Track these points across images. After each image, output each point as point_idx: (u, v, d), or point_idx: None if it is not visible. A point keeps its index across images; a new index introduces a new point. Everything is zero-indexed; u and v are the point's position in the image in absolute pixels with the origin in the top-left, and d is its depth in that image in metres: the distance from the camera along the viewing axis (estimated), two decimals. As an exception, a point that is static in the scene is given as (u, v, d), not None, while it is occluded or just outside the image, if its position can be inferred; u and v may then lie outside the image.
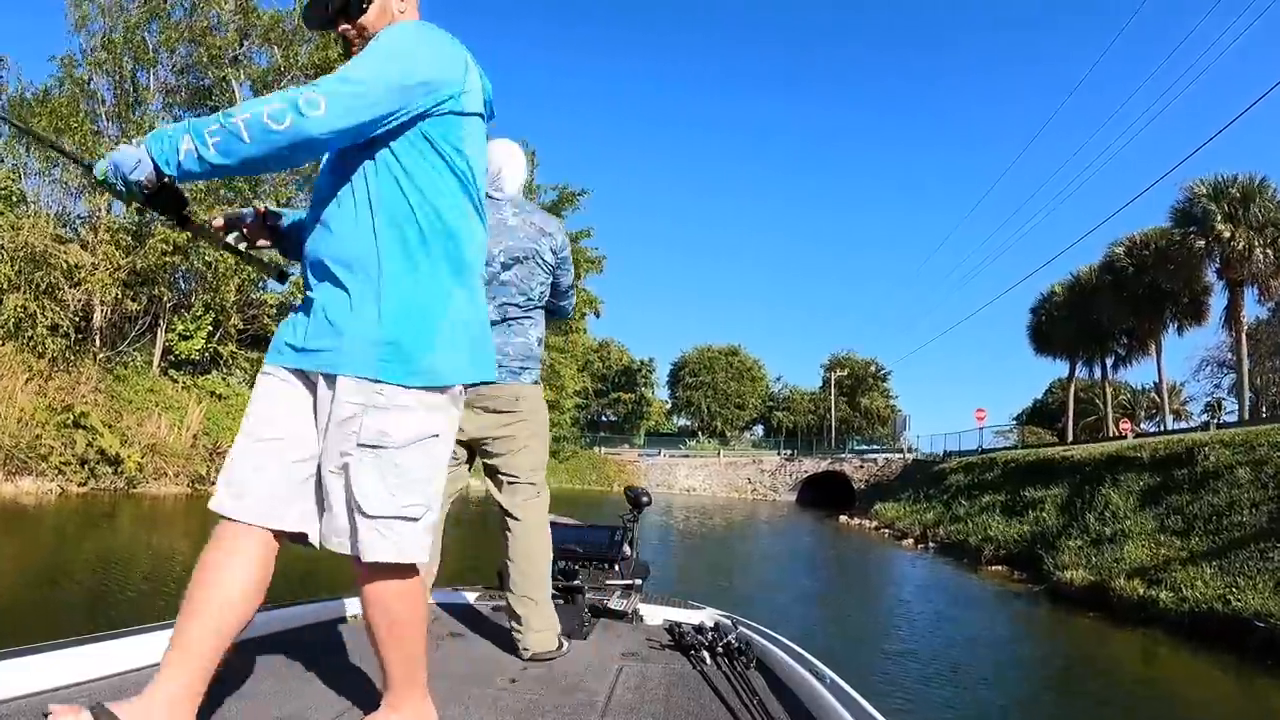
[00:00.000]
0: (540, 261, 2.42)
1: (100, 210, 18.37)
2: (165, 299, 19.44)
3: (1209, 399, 42.25)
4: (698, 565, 14.24)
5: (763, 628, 2.48)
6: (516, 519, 2.35)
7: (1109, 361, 34.58)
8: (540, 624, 2.23)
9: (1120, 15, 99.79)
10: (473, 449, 2.43)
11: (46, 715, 1.24)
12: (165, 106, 21.33)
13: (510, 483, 2.38)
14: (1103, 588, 10.29)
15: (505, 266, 2.36)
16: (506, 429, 2.37)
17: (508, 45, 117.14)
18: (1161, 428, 34.05)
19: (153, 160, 1.20)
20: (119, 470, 15.03)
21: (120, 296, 17.87)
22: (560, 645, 2.27)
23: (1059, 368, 39.76)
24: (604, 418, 60.47)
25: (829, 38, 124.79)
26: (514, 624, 2.25)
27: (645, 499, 3.34)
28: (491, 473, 2.42)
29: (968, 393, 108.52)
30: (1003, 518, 16.46)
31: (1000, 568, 14.00)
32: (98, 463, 14.70)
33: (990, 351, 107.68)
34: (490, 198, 2.36)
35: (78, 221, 18.88)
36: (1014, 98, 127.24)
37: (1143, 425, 42.57)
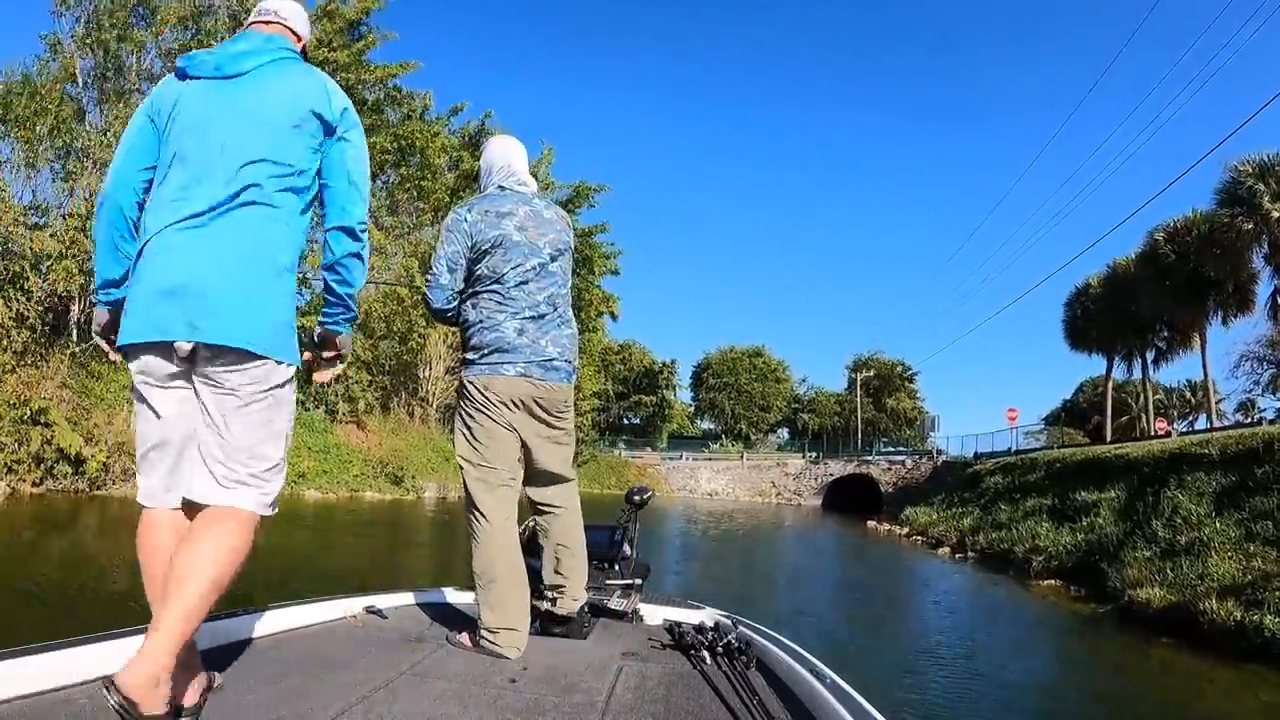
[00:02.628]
0: (571, 253, 2.49)
1: (68, 195, 17.35)
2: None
3: (1245, 396, 39.63)
4: (719, 576, 12.74)
5: (763, 627, 2.44)
6: (560, 506, 2.45)
7: (1149, 356, 32.41)
8: (576, 590, 2.42)
9: None
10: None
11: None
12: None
13: (552, 482, 2.46)
14: (1188, 610, 8.57)
15: (553, 258, 2.40)
16: (557, 430, 2.41)
17: (533, 42, 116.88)
18: (1193, 427, 31.85)
19: None
20: (80, 470, 13.92)
21: (88, 286, 16.78)
22: (583, 614, 2.45)
23: (1090, 366, 37.87)
24: (625, 421, 59.41)
25: (847, 35, 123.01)
26: (548, 592, 2.41)
27: (641, 498, 3.30)
28: (532, 474, 2.44)
29: (994, 393, 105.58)
30: (1051, 524, 14.70)
31: (1053, 582, 12.28)
32: (56, 461, 13.60)
33: (1017, 351, 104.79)
34: (516, 192, 2.44)
35: (51, 210, 17.79)
36: (1040, 87, 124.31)
37: (1176, 425, 40.30)
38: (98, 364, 17.28)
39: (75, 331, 17.46)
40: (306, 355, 1.73)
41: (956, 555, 16.80)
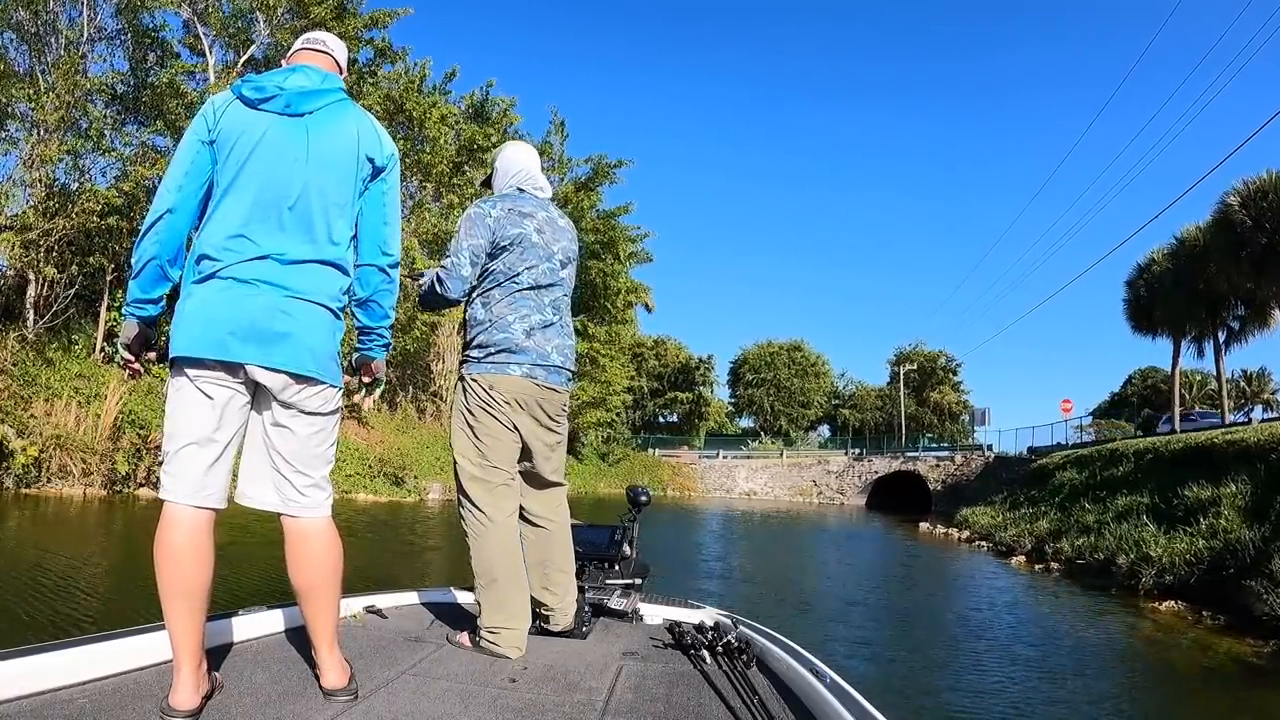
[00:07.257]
0: (576, 264, 2.52)
1: (16, 164, 15.66)
2: (107, 270, 16.62)
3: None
4: (764, 595, 10.34)
5: (763, 627, 2.39)
6: (551, 519, 2.44)
7: (1221, 337, 28.93)
8: (566, 606, 2.41)
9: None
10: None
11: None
12: (107, 54, 18.50)
13: (547, 486, 2.46)
14: None
15: (562, 264, 2.43)
16: (554, 434, 2.44)
17: (567, 34, 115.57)
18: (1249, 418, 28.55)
19: None
20: (6, 465, 12.15)
21: (33, 262, 15.04)
22: (583, 614, 2.49)
23: (1147, 354, 34.55)
24: (661, 418, 57.25)
25: (877, 18, 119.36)
26: (542, 608, 2.39)
27: (644, 498, 3.25)
28: (527, 477, 2.45)
29: (1036, 386, 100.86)
30: (1157, 528, 11.94)
31: (1173, 603, 9.49)
32: (-25, 455, 11.88)
33: (1061, 343, 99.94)
34: (535, 196, 2.46)
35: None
36: (1086, 58, 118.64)
37: (1230, 417, 37.02)
38: (53, 351, 15.61)
39: (31, 314, 15.84)
40: (346, 379, 1.82)
41: (1036, 566, 13.96)
